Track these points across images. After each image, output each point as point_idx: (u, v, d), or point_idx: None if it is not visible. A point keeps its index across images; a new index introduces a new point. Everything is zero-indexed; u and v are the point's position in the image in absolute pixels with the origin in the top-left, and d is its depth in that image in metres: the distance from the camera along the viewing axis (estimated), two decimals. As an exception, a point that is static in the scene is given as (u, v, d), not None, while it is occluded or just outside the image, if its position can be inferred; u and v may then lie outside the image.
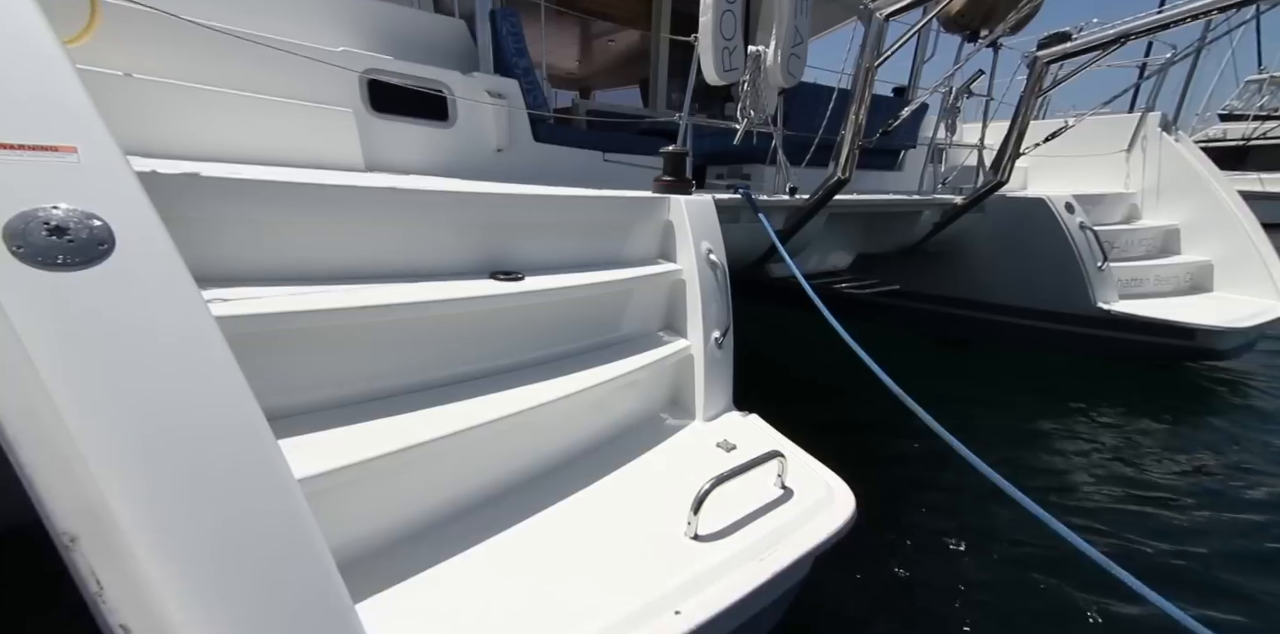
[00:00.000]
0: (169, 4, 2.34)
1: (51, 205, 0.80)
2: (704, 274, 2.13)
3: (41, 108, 0.86)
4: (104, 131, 0.89)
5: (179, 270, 0.87)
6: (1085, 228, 4.12)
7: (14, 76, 0.85)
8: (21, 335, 0.72)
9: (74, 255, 0.79)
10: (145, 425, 0.77)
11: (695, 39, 2.58)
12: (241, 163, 2.08)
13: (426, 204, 1.57)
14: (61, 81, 0.89)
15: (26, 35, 0.90)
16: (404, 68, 2.73)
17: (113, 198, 0.85)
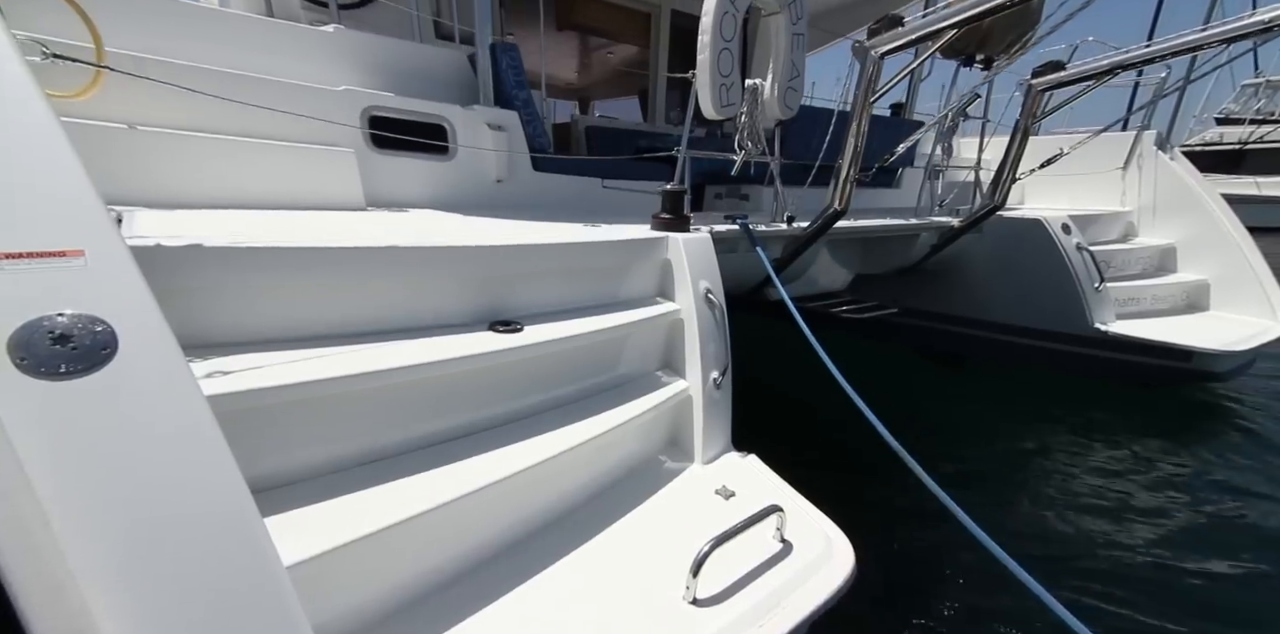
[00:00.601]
0: (175, 47, 2.39)
1: (57, 312, 0.81)
2: (702, 313, 2.14)
3: (52, 213, 0.87)
4: (112, 231, 0.90)
5: (178, 367, 0.87)
6: (1082, 248, 4.12)
7: (26, 184, 0.86)
8: (17, 448, 0.72)
9: (76, 363, 0.79)
10: (138, 535, 0.77)
11: (693, 75, 2.58)
12: (246, 208, 2.09)
13: (425, 260, 1.57)
14: (72, 185, 0.90)
15: (39, 141, 0.90)
16: (405, 104, 2.74)
17: (118, 300, 0.86)
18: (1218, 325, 4.21)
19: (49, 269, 0.83)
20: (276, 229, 1.75)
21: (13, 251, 0.81)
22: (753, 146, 2.88)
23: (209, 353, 1.25)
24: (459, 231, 2.06)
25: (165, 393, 0.85)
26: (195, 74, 2.20)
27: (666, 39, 6.70)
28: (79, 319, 0.82)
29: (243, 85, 2.30)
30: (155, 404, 0.83)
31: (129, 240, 1.21)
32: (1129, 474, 3.19)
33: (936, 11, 2.36)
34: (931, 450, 3.38)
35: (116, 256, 0.89)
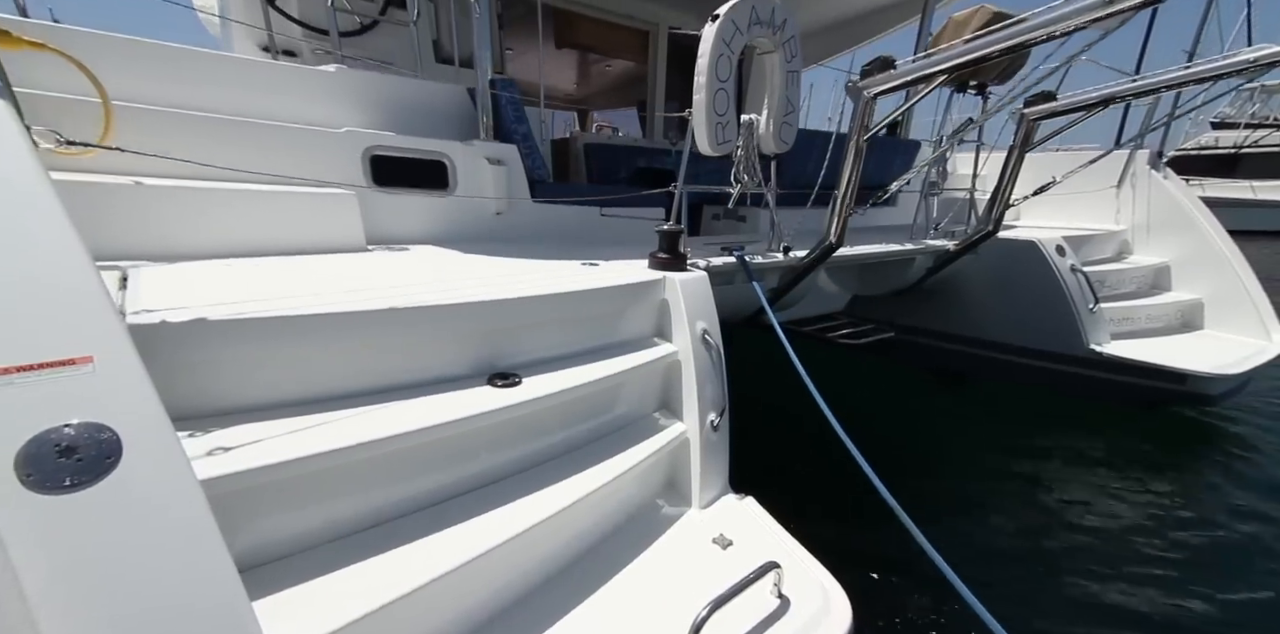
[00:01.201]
0: (182, 92, 2.42)
1: (64, 423, 0.82)
2: (699, 355, 2.15)
3: (63, 319, 0.88)
4: (121, 333, 0.91)
5: (179, 469, 0.89)
6: (1076, 270, 4.14)
7: (38, 290, 0.88)
8: (16, 566, 0.74)
9: (81, 475, 0.81)
10: (125, 630, 0.78)
11: (689, 114, 2.60)
12: (251, 255, 2.11)
13: (424, 319, 1.59)
14: (82, 285, 0.91)
15: (50, 241, 0.92)
16: (405, 142, 2.77)
17: (124, 405, 0.87)
18: (1212, 346, 4.22)
19: (59, 378, 0.84)
20: (280, 282, 1.76)
21: (25, 364, 0.83)
22: (749, 179, 2.91)
23: (210, 425, 1.27)
24: (458, 274, 2.08)
25: (165, 497, 0.86)
26: (202, 123, 2.22)
27: (664, 56, 6.73)
28: (85, 428, 0.83)
29: (247, 132, 2.32)
30: (154, 510, 0.85)
31: (132, 316, 1.24)
32: (1124, 501, 3.19)
33: (928, 56, 2.38)
34: (922, 471, 3.45)
35: (124, 359, 0.90)
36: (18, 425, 0.79)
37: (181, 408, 1.28)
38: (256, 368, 1.37)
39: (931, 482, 3.35)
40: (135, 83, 2.31)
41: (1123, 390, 4.10)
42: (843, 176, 2.82)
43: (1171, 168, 17.62)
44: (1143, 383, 3.99)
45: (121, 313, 1.28)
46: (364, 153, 2.65)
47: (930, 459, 3.65)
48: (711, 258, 2.83)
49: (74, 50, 2.17)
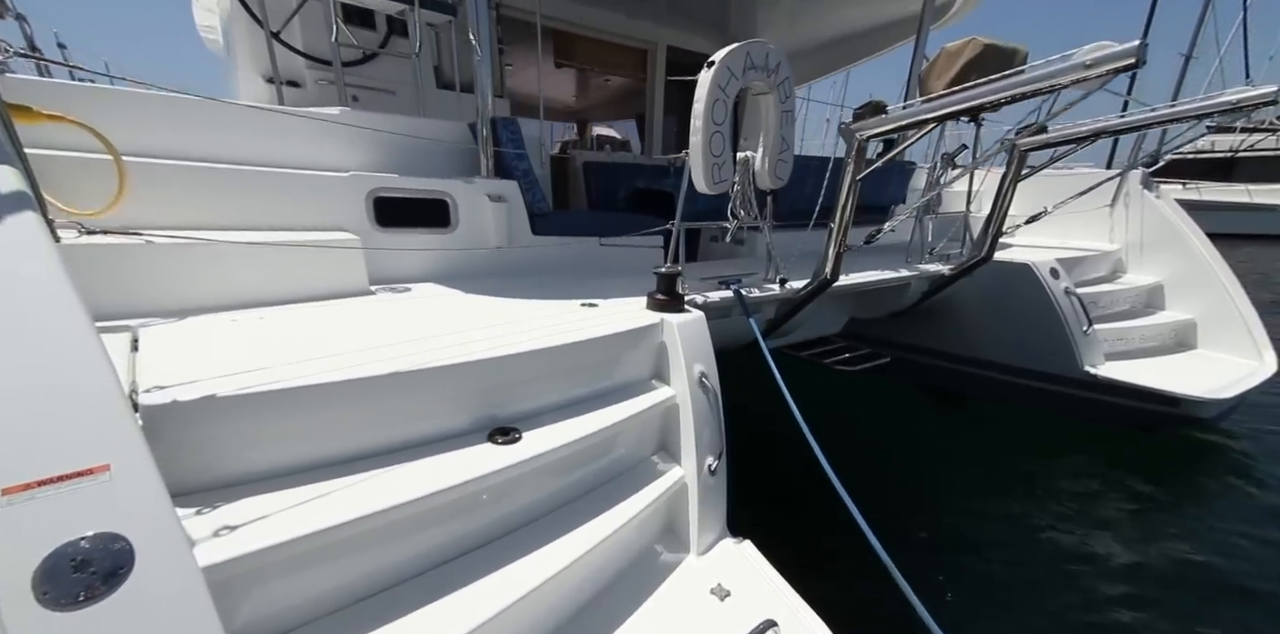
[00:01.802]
0: (191, 141, 2.46)
1: (80, 537, 0.85)
2: (697, 399, 2.18)
3: (82, 428, 0.91)
4: (136, 437, 0.94)
5: (188, 571, 0.91)
6: (1070, 293, 4.16)
7: (57, 401, 0.91)
8: None
9: (93, 588, 0.83)
10: None
11: (686, 154, 2.64)
12: (258, 305, 2.14)
13: (427, 380, 1.62)
14: (100, 390, 0.94)
15: (69, 347, 0.95)
16: (408, 183, 2.80)
17: (138, 512, 0.90)
18: (1205, 367, 4.25)
19: (77, 489, 0.87)
20: (284, 341, 1.79)
21: (46, 477, 0.86)
22: (745, 214, 2.94)
23: (215, 499, 1.30)
24: (459, 323, 2.10)
25: (172, 606, 0.88)
26: (211, 175, 2.27)
27: (663, 73, 6.78)
28: (99, 539, 0.86)
29: (254, 181, 2.36)
30: (161, 621, 0.87)
31: (144, 395, 1.27)
32: (1121, 531, 3.21)
33: (922, 101, 2.41)
34: (918, 496, 3.48)
35: (139, 464, 0.93)
36: (38, 542, 0.82)
37: (187, 483, 1.31)
38: (262, 437, 1.40)
39: (929, 508, 3.37)
40: (145, 134, 2.35)
41: (1118, 412, 4.12)
42: (837, 214, 2.85)
43: (1168, 172, 17.79)
44: (1137, 405, 4.01)
45: (134, 391, 1.32)
46: (368, 195, 2.69)
47: (927, 484, 3.67)
48: (709, 292, 2.86)
49: (84, 105, 2.22)
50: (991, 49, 3.60)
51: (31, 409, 0.90)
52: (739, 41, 6.99)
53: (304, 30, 4.05)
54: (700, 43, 6.82)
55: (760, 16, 6.09)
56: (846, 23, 6.01)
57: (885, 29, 5.94)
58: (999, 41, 3.63)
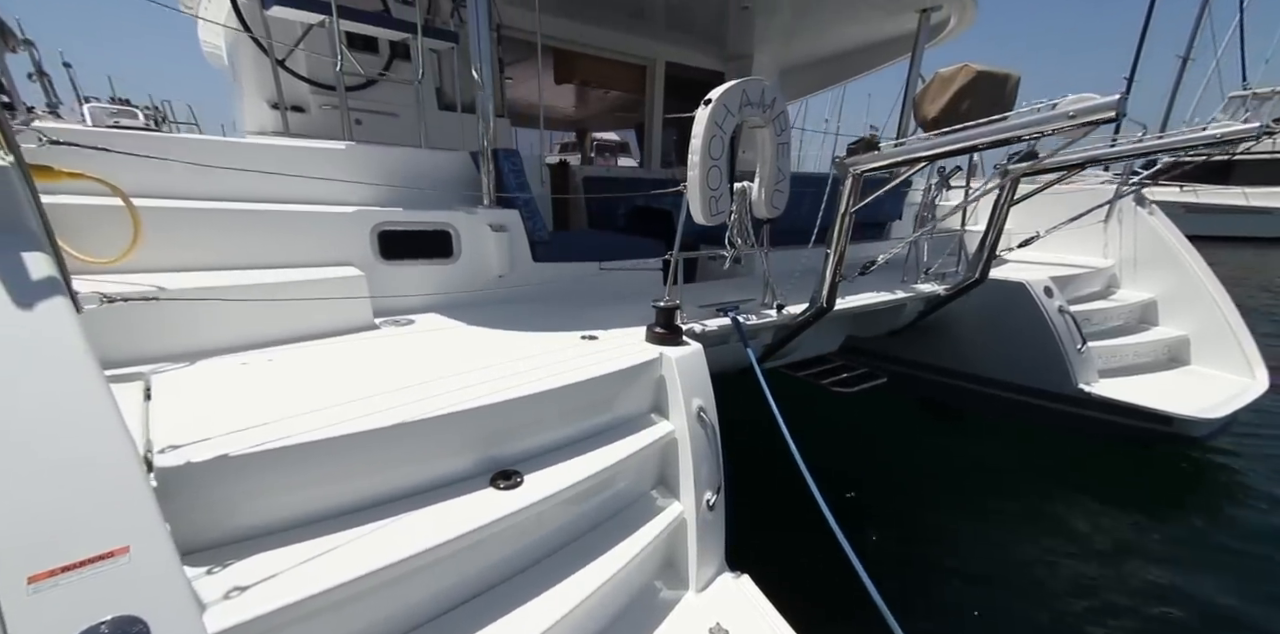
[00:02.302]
0: (202, 180, 2.51)
1: (100, 621, 0.88)
2: (695, 434, 2.21)
3: (105, 512, 0.94)
4: (155, 518, 0.98)
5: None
6: (1064, 312, 4.20)
7: (84, 489, 0.94)
8: None
9: None
10: None
11: (684, 188, 2.68)
12: (265, 345, 2.18)
13: (432, 428, 1.65)
14: (123, 471, 0.98)
15: (100, 439, 0.99)
16: (412, 216, 2.84)
17: (155, 594, 0.93)
18: (1198, 384, 4.28)
19: (98, 573, 0.91)
20: (292, 388, 1.83)
21: (70, 563, 0.90)
22: (742, 242, 2.98)
23: (226, 556, 1.33)
24: (461, 362, 2.14)
25: None
26: (219, 216, 2.31)
27: (662, 89, 6.82)
28: (118, 623, 0.89)
29: (263, 220, 2.41)
30: None
31: (158, 456, 1.31)
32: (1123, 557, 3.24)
33: (912, 141, 2.45)
34: (914, 515, 3.52)
35: (158, 545, 0.97)
36: (61, 630, 0.86)
37: (198, 540, 1.35)
38: (272, 492, 1.44)
39: (924, 530, 3.41)
40: (156, 174, 2.39)
41: (1113, 429, 4.15)
42: (834, 244, 2.89)
43: (1165, 174, 17.45)
44: (1131, 423, 4.05)
45: (149, 451, 1.36)
46: (372, 230, 2.73)
47: (924, 504, 3.70)
48: (707, 320, 2.90)
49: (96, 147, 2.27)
50: (984, 76, 3.64)
51: (55, 491, 0.94)
52: (737, 57, 7.07)
53: (308, 56, 4.09)
54: (699, 58, 6.86)
55: (758, 33, 6.12)
56: (844, 40, 6.05)
57: (882, 46, 5.98)
58: (992, 68, 3.67)
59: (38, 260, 1.10)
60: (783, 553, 2.70)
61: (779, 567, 2.20)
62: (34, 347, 1.03)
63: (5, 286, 1.03)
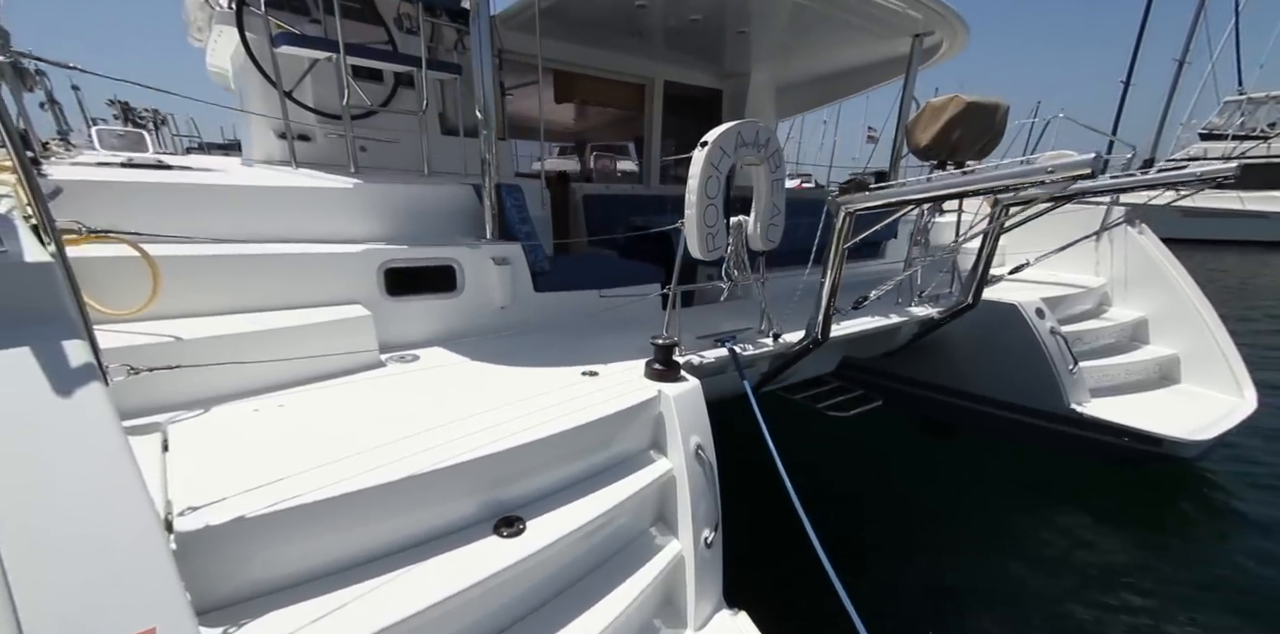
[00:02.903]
0: (216, 223, 2.57)
1: None
2: (693, 472, 2.26)
3: (132, 593, 0.99)
4: (180, 599, 1.03)
5: None
6: (1055, 333, 4.25)
7: (113, 570, 0.99)
8: None
9: None
10: None
11: (681, 224, 2.73)
12: (275, 389, 2.23)
13: (439, 480, 1.71)
14: (153, 561, 1.02)
15: (129, 521, 1.04)
16: (418, 252, 2.90)
17: None
18: (1188, 404, 4.33)
19: None
20: (304, 437, 1.89)
21: None
22: (739, 274, 3.04)
23: (240, 615, 1.37)
24: (465, 402, 2.19)
25: None
26: (232, 262, 2.38)
27: (660, 106, 6.88)
28: None
29: (273, 263, 2.47)
30: None
31: (178, 519, 1.37)
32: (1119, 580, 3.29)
33: (902, 185, 2.51)
34: (906, 534, 3.57)
35: (182, 621, 1.02)
36: None
37: (214, 599, 1.40)
38: (284, 549, 1.49)
39: (918, 553, 3.46)
40: (172, 219, 2.45)
41: (1104, 448, 4.20)
42: (827, 278, 2.94)
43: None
44: (1122, 443, 4.09)
45: (169, 513, 1.41)
46: (379, 267, 2.78)
47: (917, 526, 3.76)
48: (704, 351, 2.95)
49: (116, 196, 2.34)
50: (973, 106, 3.69)
51: (84, 572, 0.99)
52: (735, 75, 7.13)
53: (314, 86, 4.15)
54: (697, 76, 6.93)
55: (755, 53, 6.18)
56: (839, 60, 6.10)
57: (879, 66, 6.03)
58: (980, 99, 3.72)
59: (75, 348, 1.15)
60: (780, 587, 2.76)
61: (776, 601, 2.26)
62: (70, 431, 1.09)
63: (46, 374, 1.09)
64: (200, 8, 4.22)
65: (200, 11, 4.23)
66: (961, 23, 4.55)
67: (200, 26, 4.41)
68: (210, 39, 4.28)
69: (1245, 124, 26.04)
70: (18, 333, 1.12)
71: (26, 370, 1.08)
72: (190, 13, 4.53)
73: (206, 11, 4.11)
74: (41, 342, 1.11)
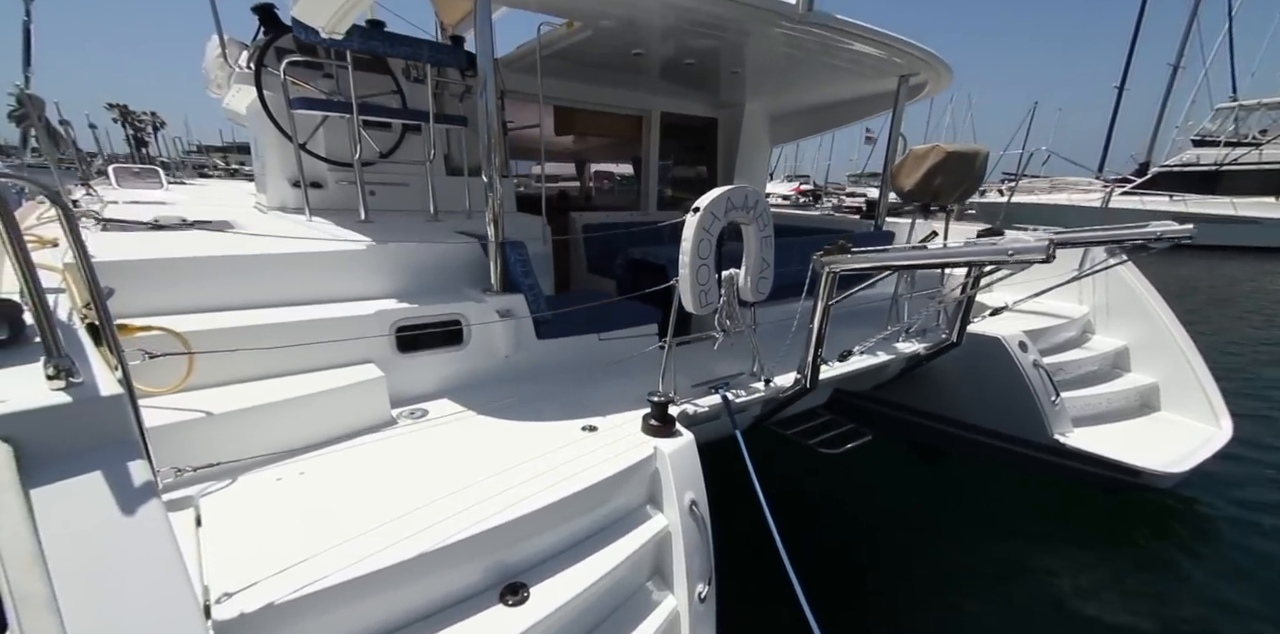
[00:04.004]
0: (239, 291, 2.71)
1: None
2: (688, 528, 2.38)
3: None
4: None
5: None
6: (1038, 365, 4.36)
7: None
8: None
9: None
10: None
11: (676, 281, 2.86)
12: (297, 453, 2.36)
13: (451, 554, 1.83)
14: None
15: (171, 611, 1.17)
16: (427, 310, 3.03)
17: None
18: (1166, 433, 4.44)
19: None
20: (327, 503, 2.02)
21: None
22: (731, 324, 3.17)
23: None
24: (473, 466, 2.31)
25: None
26: (256, 332, 2.52)
27: (658, 136, 7.02)
28: None
29: (295, 330, 2.61)
30: None
31: (215, 607, 1.50)
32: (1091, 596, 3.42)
33: (883, 251, 2.64)
34: (895, 561, 3.70)
35: None
36: None
37: None
38: (306, 628, 1.61)
39: (909, 587, 3.58)
40: (204, 290, 2.60)
41: (1087, 476, 4.31)
42: (813, 330, 3.07)
43: (1156, 184, 18.43)
44: (1103, 472, 4.21)
45: (207, 600, 1.54)
46: (391, 326, 2.92)
47: (908, 551, 3.88)
48: (699, 400, 3.08)
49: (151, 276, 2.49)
50: (953, 155, 3.82)
51: None
52: (729, 105, 7.30)
53: (327, 138, 4.30)
54: (693, 106, 7.07)
55: (749, 88, 6.32)
56: (830, 94, 6.24)
57: (868, 100, 6.16)
58: (961, 147, 3.85)
59: (138, 468, 1.29)
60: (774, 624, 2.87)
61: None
62: (133, 544, 1.22)
63: (114, 494, 1.22)
64: (220, 67, 4.38)
65: (220, 70, 4.39)
66: (944, 66, 4.67)
67: (220, 84, 4.57)
68: (229, 94, 4.44)
69: (1238, 130, 26.10)
70: (93, 457, 1.25)
71: (98, 493, 1.21)
72: (210, 71, 4.68)
73: (226, 70, 4.26)
74: (111, 465, 1.25)
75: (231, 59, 4.21)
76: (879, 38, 3.98)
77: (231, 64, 4.20)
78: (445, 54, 4.02)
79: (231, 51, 4.23)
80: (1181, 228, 3.14)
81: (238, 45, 4.21)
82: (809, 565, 2.17)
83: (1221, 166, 24.11)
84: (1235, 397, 4.84)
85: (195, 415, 2.16)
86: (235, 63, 4.16)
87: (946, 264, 2.37)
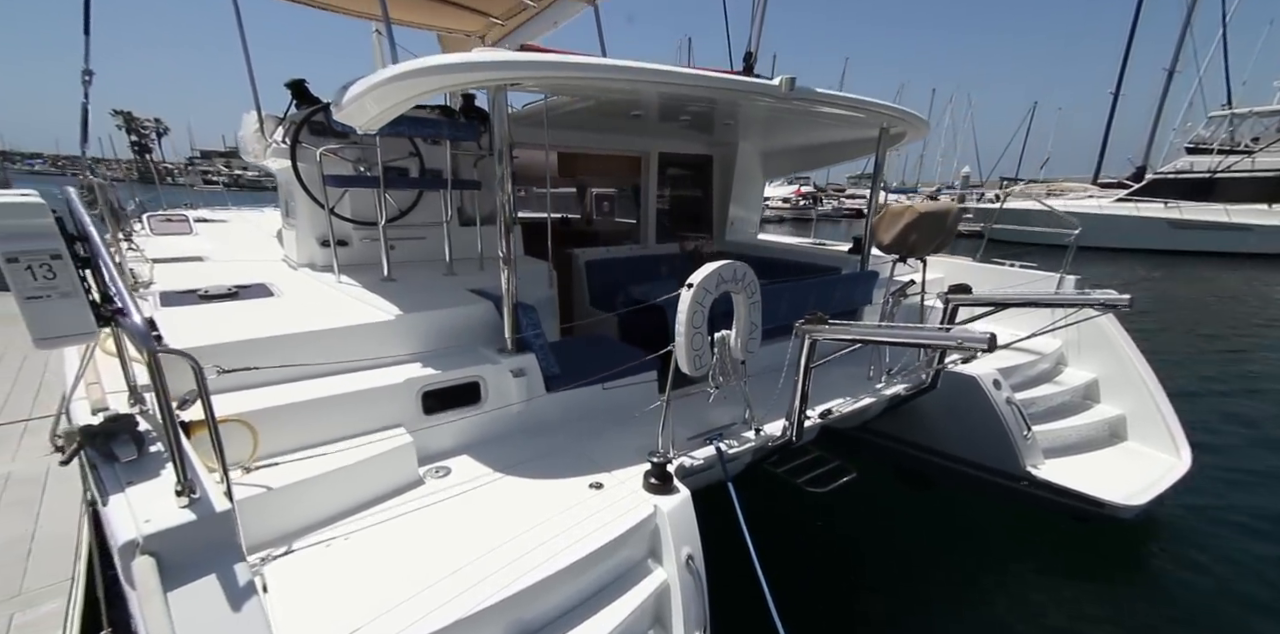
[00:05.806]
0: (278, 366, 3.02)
1: None
2: (685, 581, 2.64)
3: None
4: None
5: None
6: (1011, 402, 4.66)
7: None
8: None
9: None
10: None
11: (673, 347, 3.17)
12: (338, 520, 2.67)
13: (478, 619, 2.12)
14: None
15: None
16: (450, 374, 3.33)
17: None
18: (1131, 464, 4.74)
19: None
20: (371, 571, 2.32)
21: None
22: (724, 379, 3.47)
23: None
24: (492, 522, 2.61)
25: None
26: (304, 408, 2.83)
27: (656, 173, 7.33)
28: None
29: (335, 404, 2.92)
30: None
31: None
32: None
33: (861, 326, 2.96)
34: (882, 586, 4.00)
35: None
36: None
37: None
38: None
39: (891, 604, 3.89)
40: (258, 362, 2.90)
41: (1058, 506, 4.61)
42: (796, 390, 3.37)
43: (1151, 191, 18.74)
44: (1072, 503, 4.50)
45: None
46: (418, 392, 3.23)
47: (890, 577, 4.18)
48: (694, 452, 3.38)
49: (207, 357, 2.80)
50: (926, 215, 4.15)
51: None
52: (723, 144, 7.64)
53: (352, 201, 4.64)
54: (689, 145, 7.39)
55: (740, 130, 6.63)
56: (816, 137, 6.55)
57: (854, 144, 6.47)
58: (933, 207, 4.16)
59: (242, 570, 1.60)
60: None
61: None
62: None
63: (225, 592, 1.54)
64: (257, 140, 4.71)
65: (257, 144, 4.73)
66: (921, 120, 4.97)
67: (256, 154, 4.91)
68: (264, 160, 4.79)
69: (1232, 138, 26.27)
70: (209, 562, 1.56)
71: (214, 594, 1.53)
72: (248, 143, 5.02)
73: (262, 144, 4.60)
74: (223, 569, 1.57)
75: (267, 133, 4.55)
76: (858, 103, 4.28)
77: (267, 137, 4.54)
78: (462, 131, 4.36)
79: (268, 126, 4.56)
80: (1119, 296, 3.45)
81: (274, 120, 4.54)
82: (799, 597, 2.44)
83: (1215, 174, 24.31)
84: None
85: (257, 491, 2.47)
86: (270, 137, 4.50)
87: (907, 344, 2.68)
